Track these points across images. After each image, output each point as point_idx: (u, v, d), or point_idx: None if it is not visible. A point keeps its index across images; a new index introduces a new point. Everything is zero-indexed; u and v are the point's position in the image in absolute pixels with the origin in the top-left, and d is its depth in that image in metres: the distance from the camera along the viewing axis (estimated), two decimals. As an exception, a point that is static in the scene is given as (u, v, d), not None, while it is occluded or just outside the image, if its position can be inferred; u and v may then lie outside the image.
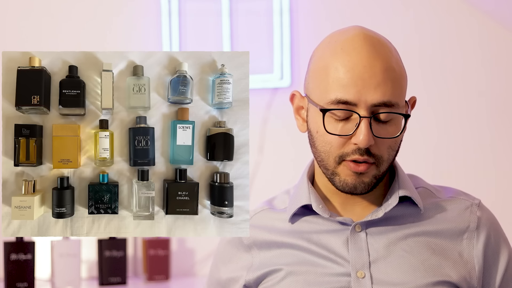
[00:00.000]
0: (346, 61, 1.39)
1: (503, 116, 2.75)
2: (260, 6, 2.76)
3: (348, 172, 1.41)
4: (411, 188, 1.47)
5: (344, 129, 1.39)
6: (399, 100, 1.40)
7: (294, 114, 1.50)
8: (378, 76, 1.38)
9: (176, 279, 2.66)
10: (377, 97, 1.37)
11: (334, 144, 1.40)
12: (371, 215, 1.44)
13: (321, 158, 1.43)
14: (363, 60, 1.38)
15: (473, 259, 1.45)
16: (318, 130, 1.42)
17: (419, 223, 1.46)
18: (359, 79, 1.37)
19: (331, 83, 1.39)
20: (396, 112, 1.40)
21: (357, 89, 1.37)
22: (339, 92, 1.38)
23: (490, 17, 2.74)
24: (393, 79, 1.39)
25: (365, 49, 1.39)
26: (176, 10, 2.74)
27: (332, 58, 1.40)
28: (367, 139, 1.37)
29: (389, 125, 1.40)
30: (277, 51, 2.74)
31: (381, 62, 1.39)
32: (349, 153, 1.39)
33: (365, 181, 1.41)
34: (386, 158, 1.41)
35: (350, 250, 1.43)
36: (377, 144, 1.40)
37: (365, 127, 1.37)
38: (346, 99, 1.38)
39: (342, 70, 1.38)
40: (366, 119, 1.37)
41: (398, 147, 1.44)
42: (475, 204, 1.49)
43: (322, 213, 1.45)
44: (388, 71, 1.39)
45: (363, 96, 1.37)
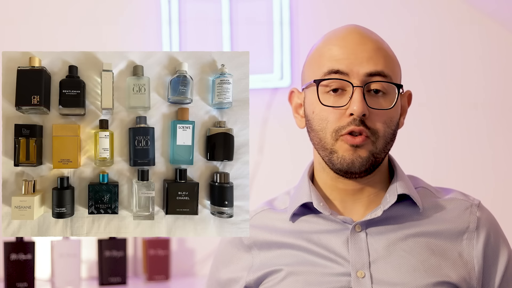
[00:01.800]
0: (339, 41, 1.44)
1: (503, 117, 2.75)
2: (260, 6, 2.76)
3: (345, 147, 1.42)
4: (410, 186, 1.48)
5: (339, 102, 1.42)
6: (392, 73, 1.44)
7: (293, 113, 1.52)
8: (370, 51, 1.42)
9: (176, 279, 2.66)
10: (370, 67, 1.41)
11: (330, 119, 1.42)
12: (371, 214, 1.45)
13: (319, 138, 1.44)
14: (355, 39, 1.43)
15: (472, 260, 1.45)
16: (314, 110, 1.44)
17: (419, 223, 1.46)
18: (352, 53, 1.42)
19: (324, 60, 1.44)
20: (389, 81, 1.42)
21: (349, 61, 1.42)
22: (332, 64, 1.42)
23: (490, 18, 2.74)
24: (385, 56, 1.44)
25: (357, 33, 1.45)
26: (176, 10, 2.74)
27: (325, 43, 1.46)
28: (361, 107, 1.39)
29: (383, 98, 1.43)
30: (277, 51, 2.74)
31: (372, 42, 1.44)
32: (345, 126, 1.41)
33: (362, 156, 1.42)
34: (381, 133, 1.43)
35: (350, 250, 1.43)
36: (371, 117, 1.41)
37: (359, 96, 1.40)
38: (338, 68, 1.41)
39: (335, 48, 1.43)
40: (359, 88, 1.40)
41: (394, 128, 1.45)
42: (474, 204, 1.49)
43: (323, 211, 1.45)
44: (380, 49, 1.44)
45: (355, 67, 1.41)
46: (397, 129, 1.46)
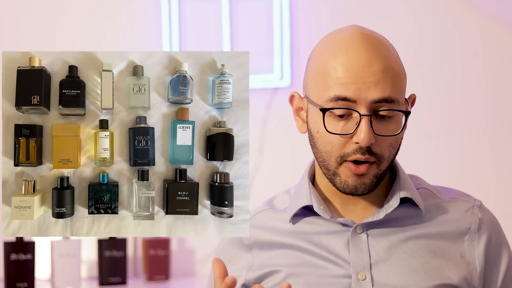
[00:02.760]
0: (344, 61, 1.38)
1: (503, 118, 2.75)
2: (260, 6, 2.76)
3: (348, 173, 1.40)
4: (412, 189, 1.47)
5: (345, 128, 1.39)
6: (399, 96, 1.40)
7: (294, 116, 1.49)
8: (378, 75, 1.37)
9: (176, 279, 2.66)
10: (377, 94, 1.37)
11: (335, 144, 1.40)
12: (372, 216, 1.44)
13: (323, 159, 1.42)
14: (362, 59, 1.38)
15: (474, 261, 1.44)
16: (319, 131, 1.41)
17: (420, 225, 1.45)
18: (358, 77, 1.37)
19: (330, 82, 1.38)
20: (397, 109, 1.39)
21: (356, 86, 1.37)
22: (338, 89, 1.37)
23: (491, 19, 2.74)
24: (392, 76, 1.38)
25: (363, 48, 1.39)
26: (176, 10, 2.74)
27: (330, 58, 1.40)
28: (368, 138, 1.36)
29: (389, 123, 1.40)
30: (277, 51, 2.74)
31: (380, 61, 1.38)
32: (350, 153, 1.39)
33: (366, 182, 1.41)
34: (387, 156, 1.41)
35: (351, 252, 1.42)
36: (378, 142, 1.39)
37: (366, 125, 1.36)
38: (345, 95, 1.37)
39: (341, 70, 1.38)
40: (367, 117, 1.37)
41: (399, 145, 1.44)
42: (476, 205, 1.48)
43: (323, 214, 1.45)
44: (387, 69, 1.38)
45: (363, 94, 1.37)
46: (401, 142, 1.45)
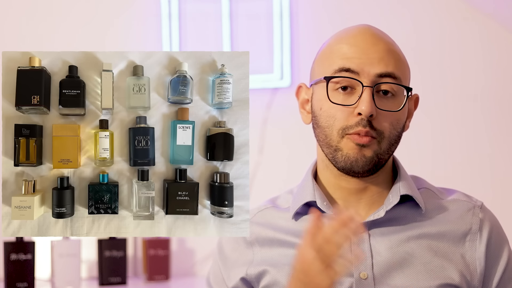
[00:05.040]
0: (351, 40, 1.44)
1: (502, 118, 2.75)
2: (260, 6, 2.76)
3: (351, 145, 1.42)
4: (413, 187, 1.47)
5: (347, 100, 1.42)
6: (402, 76, 1.44)
7: (299, 108, 1.52)
8: (382, 52, 1.43)
9: (176, 279, 2.66)
10: (381, 68, 1.41)
11: (337, 117, 1.42)
12: (374, 215, 1.45)
13: (325, 135, 1.44)
14: (367, 39, 1.44)
15: (475, 261, 1.45)
16: (322, 107, 1.44)
17: (421, 225, 1.45)
18: (363, 53, 1.42)
19: (335, 58, 1.44)
20: (399, 83, 1.43)
21: (360, 60, 1.42)
22: (342, 62, 1.43)
23: (490, 18, 2.74)
24: (396, 57, 1.44)
25: (369, 33, 1.45)
26: (176, 10, 2.74)
27: (337, 40, 1.46)
28: (369, 107, 1.39)
29: (391, 100, 1.43)
30: (277, 51, 2.74)
31: (384, 43, 1.44)
32: (352, 126, 1.41)
33: (367, 155, 1.42)
34: (387, 134, 1.43)
35: (353, 251, 1.43)
36: (378, 118, 1.41)
37: (368, 96, 1.40)
38: (349, 66, 1.42)
39: (346, 47, 1.44)
40: (369, 88, 1.40)
41: (399, 131, 1.45)
42: (477, 206, 1.49)
43: (327, 210, 1.45)
44: (392, 51, 1.44)
45: (366, 67, 1.41)
46: (402, 132, 1.46)
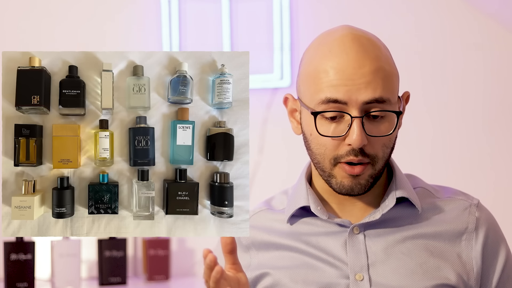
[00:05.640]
0: (335, 64, 1.38)
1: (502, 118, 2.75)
2: (260, 6, 2.76)
3: (344, 174, 1.40)
4: (408, 188, 1.47)
5: (337, 131, 1.39)
6: (391, 96, 1.39)
7: (289, 117, 1.50)
8: (368, 76, 1.37)
9: (176, 279, 2.66)
10: (368, 95, 1.37)
11: (328, 146, 1.40)
12: (369, 216, 1.44)
13: (317, 161, 1.43)
14: (352, 61, 1.38)
15: (471, 261, 1.44)
16: (312, 133, 1.42)
17: (417, 225, 1.45)
18: (349, 79, 1.37)
19: (321, 85, 1.39)
20: (388, 109, 1.39)
21: (347, 88, 1.37)
22: (329, 92, 1.38)
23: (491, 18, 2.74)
24: (383, 77, 1.38)
25: (354, 50, 1.38)
26: (176, 10, 2.74)
27: (321, 61, 1.40)
28: (360, 139, 1.37)
29: (382, 123, 1.40)
30: (277, 51, 2.74)
31: (370, 62, 1.38)
32: (343, 155, 1.39)
33: (362, 182, 1.41)
34: (381, 156, 1.41)
35: (348, 253, 1.43)
36: (371, 143, 1.39)
37: (358, 127, 1.37)
38: (336, 97, 1.37)
39: (332, 72, 1.38)
40: (358, 119, 1.37)
41: (393, 144, 1.44)
42: (473, 204, 1.48)
43: (321, 215, 1.45)
44: (378, 70, 1.38)
45: (354, 95, 1.37)
46: (395, 141, 1.45)
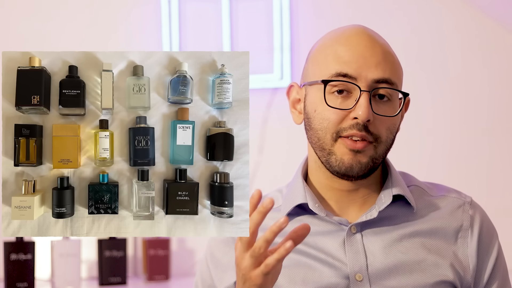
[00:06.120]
0: (347, 41, 1.42)
1: (502, 117, 2.75)
2: (260, 6, 2.76)
3: (344, 150, 1.40)
4: (404, 187, 1.48)
5: (344, 104, 1.41)
6: (398, 80, 1.43)
7: (290, 108, 1.50)
8: (379, 56, 1.41)
9: (176, 279, 2.66)
10: (378, 74, 1.39)
11: (332, 120, 1.41)
12: (366, 215, 1.44)
13: (318, 138, 1.42)
14: (363, 42, 1.41)
15: (467, 258, 1.45)
16: (316, 109, 1.42)
17: (413, 223, 1.46)
18: (360, 56, 1.40)
19: (332, 61, 1.42)
20: (396, 89, 1.42)
21: (358, 64, 1.40)
22: (340, 66, 1.40)
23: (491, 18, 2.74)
24: (392, 61, 1.42)
25: (365, 35, 1.43)
26: (176, 10, 2.74)
27: (333, 42, 1.43)
28: (366, 112, 1.38)
29: (387, 105, 1.42)
30: (277, 51, 2.74)
31: (380, 46, 1.42)
32: (346, 128, 1.40)
33: (362, 161, 1.41)
34: (384, 139, 1.42)
35: (347, 253, 1.43)
36: (375, 123, 1.40)
37: (365, 101, 1.38)
38: (347, 72, 1.39)
39: (342, 49, 1.41)
40: (366, 93, 1.39)
41: (395, 133, 1.44)
42: (467, 202, 1.50)
43: (319, 212, 1.45)
44: (388, 54, 1.42)
45: (364, 72, 1.39)
46: (396, 135, 1.46)
